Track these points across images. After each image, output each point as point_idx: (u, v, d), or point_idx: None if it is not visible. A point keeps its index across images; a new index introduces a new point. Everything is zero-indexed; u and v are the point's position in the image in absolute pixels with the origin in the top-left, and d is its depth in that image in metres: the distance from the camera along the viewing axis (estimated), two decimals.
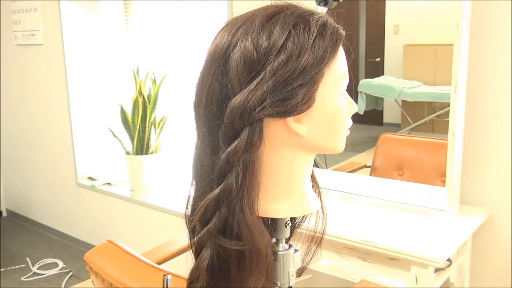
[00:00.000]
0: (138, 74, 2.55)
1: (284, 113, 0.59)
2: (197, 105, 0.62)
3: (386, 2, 2.05)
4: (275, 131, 0.60)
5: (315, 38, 0.59)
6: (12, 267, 3.00)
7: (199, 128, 0.63)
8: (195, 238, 0.61)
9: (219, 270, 0.60)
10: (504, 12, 1.54)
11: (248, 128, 0.58)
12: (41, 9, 3.06)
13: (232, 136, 0.58)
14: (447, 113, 1.56)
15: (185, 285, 0.67)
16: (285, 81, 0.58)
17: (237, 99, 0.57)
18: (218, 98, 0.59)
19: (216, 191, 0.59)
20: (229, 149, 0.58)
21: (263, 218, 0.68)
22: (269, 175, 0.63)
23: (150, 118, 2.57)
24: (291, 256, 0.69)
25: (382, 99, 2.08)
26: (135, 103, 2.54)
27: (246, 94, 0.57)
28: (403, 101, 2.01)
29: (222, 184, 0.58)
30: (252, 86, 0.57)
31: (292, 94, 0.58)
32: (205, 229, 0.59)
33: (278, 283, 0.69)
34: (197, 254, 0.61)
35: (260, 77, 0.58)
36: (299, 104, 0.59)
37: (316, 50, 0.59)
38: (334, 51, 0.61)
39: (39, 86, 3.28)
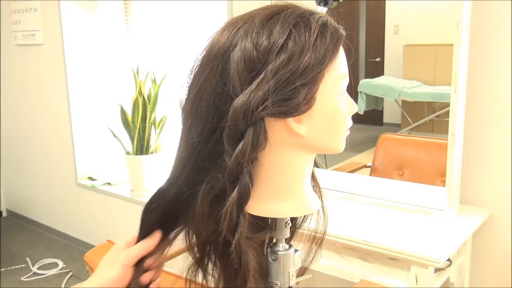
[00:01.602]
0: (138, 74, 2.55)
1: (285, 113, 0.59)
2: (197, 107, 0.62)
3: (386, 2, 2.05)
4: (275, 131, 0.60)
5: (316, 37, 0.59)
6: (12, 267, 3.00)
7: (196, 130, 0.61)
8: (232, 247, 0.60)
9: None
10: (504, 12, 1.54)
11: (252, 128, 0.58)
12: (41, 9, 3.05)
13: (237, 137, 0.58)
14: (447, 113, 1.56)
15: (185, 285, 0.67)
16: (287, 80, 0.57)
17: (239, 100, 0.57)
18: (219, 100, 0.59)
19: (234, 195, 0.59)
20: (236, 150, 0.58)
21: (263, 217, 0.68)
22: (269, 175, 0.63)
23: (150, 118, 2.57)
24: (291, 256, 0.69)
25: (382, 99, 2.08)
26: (135, 103, 2.54)
27: (248, 94, 0.57)
28: (403, 101, 2.01)
29: (238, 187, 0.58)
30: (253, 86, 0.57)
31: (293, 94, 0.58)
32: (237, 235, 0.59)
33: (278, 283, 0.69)
34: (238, 260, 0.60)
35: (261, 76, 0.57)
36: (300, 104, 0.58)
37: (318, 50, 0.59)
38: (335, 51, 0.61)
39: (39, 86, 3.28)
